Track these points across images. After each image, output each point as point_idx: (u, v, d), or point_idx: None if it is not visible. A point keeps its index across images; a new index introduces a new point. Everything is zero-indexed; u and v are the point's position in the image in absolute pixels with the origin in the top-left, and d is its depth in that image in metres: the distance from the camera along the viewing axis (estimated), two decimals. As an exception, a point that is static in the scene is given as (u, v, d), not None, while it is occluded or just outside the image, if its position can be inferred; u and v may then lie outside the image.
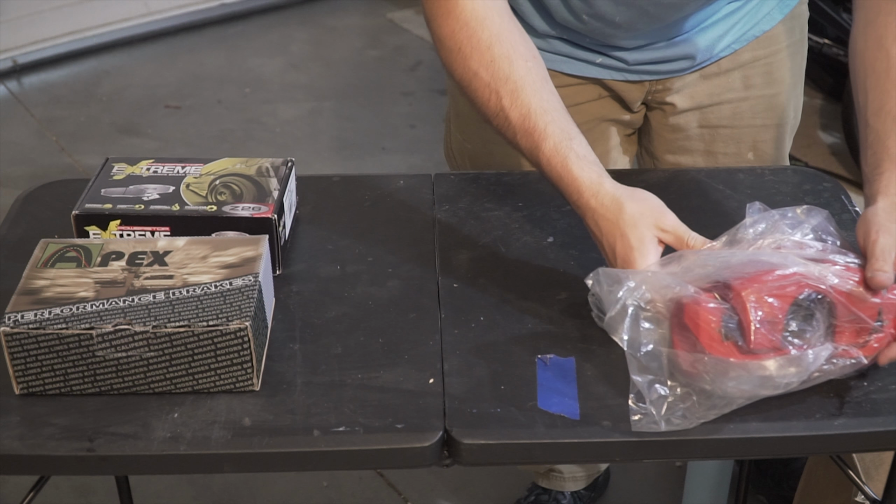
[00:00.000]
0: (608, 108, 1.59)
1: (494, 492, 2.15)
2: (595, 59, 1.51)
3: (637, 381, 1.06)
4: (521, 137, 1.21)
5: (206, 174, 1.32)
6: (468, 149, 1.65)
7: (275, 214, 1.26)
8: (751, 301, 1.06)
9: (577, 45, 1.50)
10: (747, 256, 1.10)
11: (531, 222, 1.38)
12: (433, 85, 3.74)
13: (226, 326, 1.08)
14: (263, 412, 1.09)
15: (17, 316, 1.08)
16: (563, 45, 1.50)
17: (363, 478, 2.19)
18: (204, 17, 4.08)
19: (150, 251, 1.18)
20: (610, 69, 1.52)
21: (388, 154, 3.34)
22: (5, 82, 3.72)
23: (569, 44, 1.50)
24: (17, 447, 1.05)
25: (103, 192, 1.29)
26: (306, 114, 3.56)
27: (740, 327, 1.06)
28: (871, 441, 1.10)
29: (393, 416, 1.08)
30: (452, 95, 1.67)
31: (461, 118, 1.64)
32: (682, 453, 1.16)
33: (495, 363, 1.16)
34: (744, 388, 1.05)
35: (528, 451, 1.08)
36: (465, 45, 1.23)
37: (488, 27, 1.23)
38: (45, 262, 1.16)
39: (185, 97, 3.64)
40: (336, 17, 4.20)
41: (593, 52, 1.50)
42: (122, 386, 1.10)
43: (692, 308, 1.07)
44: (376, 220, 1.39)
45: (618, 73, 1.53)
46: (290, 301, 1.25)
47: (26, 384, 1.10)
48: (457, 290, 1.26)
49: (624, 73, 1.53)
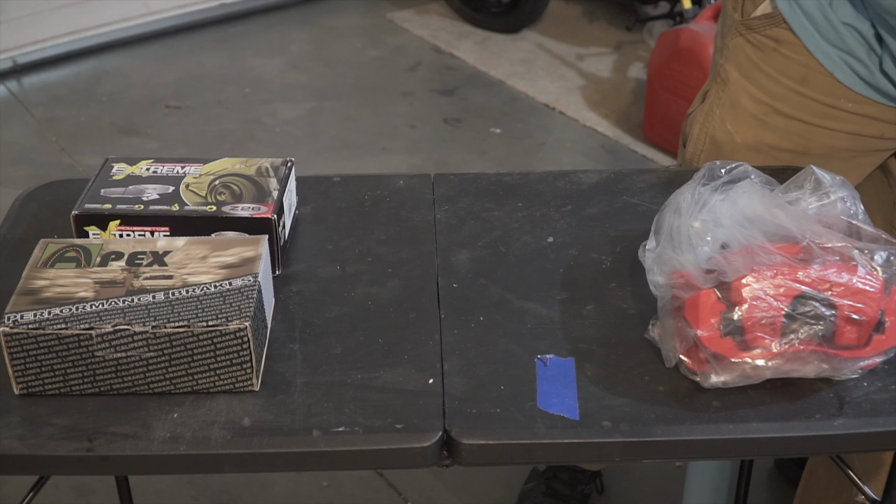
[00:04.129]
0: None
1: (494, 492, 2.15)
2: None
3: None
4: None
5: (206, 174, 1.32)
6: (738, 142, 1.56)
7: (274, 214, 1.26)
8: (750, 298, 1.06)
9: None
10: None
11: (531, 222, 1.38)
12: (433, 85, 3.74)
13: (225, 327, 1.08)
14: (263, 412, 1.09)
15: (17, 316, 1.08)
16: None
17: (363, 478, 2.19)
18: (204, 17, 4.08)
19: (150, 251, 1.17)
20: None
21: (388, 154, 3.34)
22: (5, 82, 3.72)
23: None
24: (17, 447, 1.05)
25: (103, 192, 1.29)
26: (306, 114, 3.56)
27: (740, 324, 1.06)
28: (871, 441, 1.10)
29: (393, 417, 1.08)
30: (734, 86, 1.57)
31: (738, 110, 1.56)
32: (682, 453, 1.16)
33: (495, 363, 1.16)
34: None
35: (528, 452, 1.08)
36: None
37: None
38: (45, 262, 1.16)
39: (185, 97, 3.64)
40: (336, 17, 4.20)
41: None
42: (121, 386, 1.10)
43: (692, 303, 1.08)
44: (376, 220, 1.39)
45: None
46: (290, 301, 1.25)
47: (26, 384, 1.09)
48: (457, 290, 1.26)
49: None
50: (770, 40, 1.50)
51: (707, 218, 1.15)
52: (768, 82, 1.52)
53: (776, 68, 1.51)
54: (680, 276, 1.11)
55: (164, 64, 3.88)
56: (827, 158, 1.51)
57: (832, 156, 1.53)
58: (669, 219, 1.16)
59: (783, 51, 1.49)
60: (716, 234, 1.13)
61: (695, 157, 1.61)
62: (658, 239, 1.16)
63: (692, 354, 1.11)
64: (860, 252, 1.10)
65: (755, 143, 1.55)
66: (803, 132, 1.52)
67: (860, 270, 1.08)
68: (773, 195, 1.17)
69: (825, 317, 1.07)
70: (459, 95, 3.67)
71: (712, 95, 1.60)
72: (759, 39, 1.51)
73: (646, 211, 1.37)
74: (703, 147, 1.60)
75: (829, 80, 1.48)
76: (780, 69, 1.50)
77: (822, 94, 1.49)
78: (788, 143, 1.53)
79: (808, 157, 1.51)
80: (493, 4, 4.08)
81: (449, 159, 3.31)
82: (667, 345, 1.13)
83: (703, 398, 1.11)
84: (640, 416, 1.09)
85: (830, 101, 1.49)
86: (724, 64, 1.57)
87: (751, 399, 1.10)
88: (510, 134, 3.46)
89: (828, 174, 1.19)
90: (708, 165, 1.22)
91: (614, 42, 3.98)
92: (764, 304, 1.06)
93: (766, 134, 1.54)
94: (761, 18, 1.50)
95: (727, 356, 1.08)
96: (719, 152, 1.58)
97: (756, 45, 1.52)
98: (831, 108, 1.50)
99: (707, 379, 1.10)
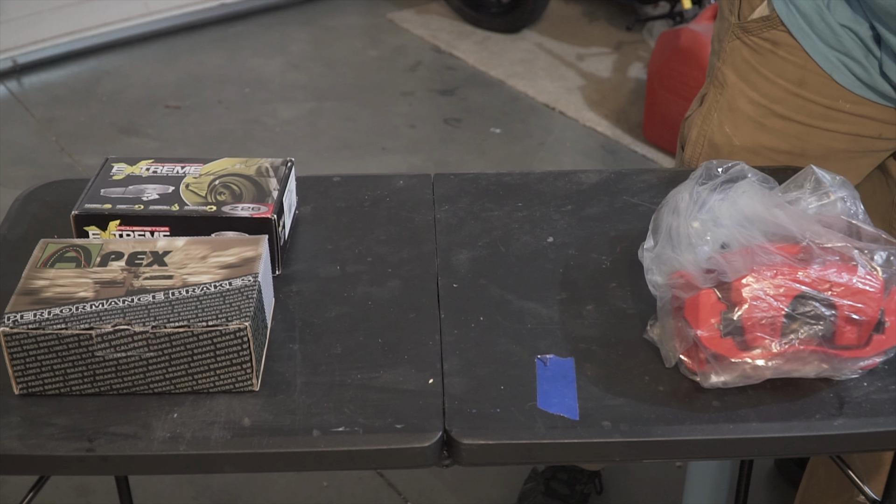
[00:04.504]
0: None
1: (494, 492, 2.15)
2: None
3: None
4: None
5: (206, 174, 1.32)
6: (736, 145, 1.57)
7: (274, 214, 1.26)
8: (750, 298, 1.06)
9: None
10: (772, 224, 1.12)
11: (531, 222, 1.38)
12: (433, 85, 3.74)
13: (225, 327, 1.08)
14: (263, 412, 1.09)
15: (17, 316, 1.08)
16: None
17: (363, 478, 2.19)
18: (204, 17, 4.08)
19: (150, 251, 1.17)
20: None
21: (388, 154, 3.34)
22: (5, 82, 3.72)
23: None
24: (17, 447, 1.05)
25: (103, 192, 1.29)
26: (306, 114, 3.56)
27: (740, 324, 1.06)
28: (871, 441, 1.10)
29: (393, 417, 1.08)
30: (732, 89, 1.57)
31: (735, 113, 1.56)
32: (682, 453, 1.16)
33: (495, 363, 1.16)
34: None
35: (528, 452, 1.08)
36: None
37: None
38: (45, 262, 1.16)
39: (185, 97, 3.64)
40: (336, 17, 4.20)
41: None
42: (121, 386, 1.10)
43: (692, 303, 1.08)
44: (376, 220, 1.39)
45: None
46: (290, 301, 1.25)
47: (26, 384, 1.09)
48: (457, 290, 1.26)
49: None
50: (767, 43, 1.50)
51: (706, 218, 1.15)
52: (766, 85, 1.52)
53: (773, 71, 1.51)
54: (680, 276, 1.11)
55: (164, 64, 3.88)
56: (825, 160, 1.51)
57: (830, 157, 1.53)
58: (668, 219, 1.16)
59: (780, 53, 1.49)
60: (715, 234, 1.13)
61: (693, 160, 1.61)
62: (656, 238, 1.16)
63: (692, 354, 1.11)
64: (860, 252, 1.10)
65: (753, 146, 1.55)
66: (801, 134, 1.52)
67: (860, 270, 1.08)
68: (772, 195, 1.17)
69: (825, 317, 1.07)
70: (459, 95, 3.67)
71: (710, 99, 1.60)
72: (756, 42, 1.51)
73: (646, 211, 1.37)
74: (702, 150, 1.60)
75: (827, 81, 1.48)
76: (777, 71, 1.51)
77: (819, 95, 1.49)
78: (786, 145, 1.53)
79: (805, 158, 1.51)
80: (493, 4, 4.08)
81: (449, 159, 3.31)
82: (667, 345, 1.13)
83: (703, 398, 1.11)
84: (640, 416, 1.09)
85: (828, 103, 1.49)
86: (722, 67, 1.57)
87: (751, 399, 1.10)
88: (510, 134, 3.46)
89: (828, 174, 1.19)
90: (705, 165, 1.22)
91: (614, 42, 3.98)
92: (764, 304, 1.06)
93: (764, 136, 1.54)
94: (758, 21, 1.50)
95: (727, 356, 1.08)
96: (717, 155, 1.58)
97: (753, 48, 1.52)
98: (829, 109, 1.50)
99: (707, 379, 1.10)
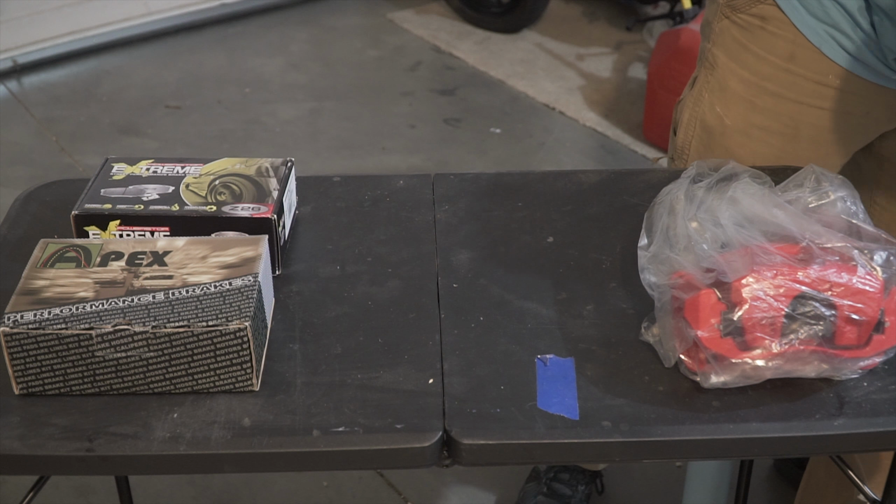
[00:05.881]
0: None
1: (494, 492, 2.15)
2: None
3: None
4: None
5: (206, 174, 1.32)
6: (727, 125, 1.57)
7: (274, 214, 1.26)
8: (750, 298, 1.06)
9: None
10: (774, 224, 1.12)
11: (531, 222, 1.38)
12: (433, 85, 3.74)
13: (225, 327, 1.08)
14: (263, 412, 1.09)
15: (17, 316, 1.08)
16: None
17: (363, 478, 2.19)
18: (204, 17, 4.08)
19: (150, 251, 1.17)
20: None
21: (388, 154, 3.34)
22: (5, 82, 3.72)
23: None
24: (17, 447, 1.05)
25: (103, 192, 1.29)
26: (306, 114, 3.56)
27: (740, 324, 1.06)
28: (871, 441, 1.10)
29: (393, 417, 1.08)
30: (722, 69, 1.57)
31: (727, 93, 1.56)
32: (682, 453, 1.16)
33: (495, 363, 1.16)
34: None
35: (528, 452, 1.08)
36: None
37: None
38: (45, 262, 1.16)
39: (185, 97, 3.64)
40: (336, 17, 4.20)
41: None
42: (121, 386, 1.10)
43: (692, 304, 1.08)
44: (376, 220, 1.39)
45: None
46: (290, 301, 1.25)
47: (26, 384, 1.09)
48: (457, 290, 1.26)
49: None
50: (756, 19, 1.51)
51: (705, 217, 1.15)
52: (756, 62, 1.53)
53: (763, 47, 1.51)
54: (680, 276, 1.11)
55: (164, 64, 3.88)
56: (816, 142, 1.52)
57: (821, 138, 1.53)
58: (663, 218, 1.16)
59: (769, 28, 1.50)
60: (715, 234, 1.13)
61: (685, 143, 1.62)
62: (650, 237, 1.16)
63: (692, 354, 1.11)
64: (860, 252, 1.10)
65: (745, 126, 1.56)
66: (792, 112, 1.52)
67: (860, 270, 1.08)
68: (772, 195, 1.17)
69: (825, 317, 1.07)
70: (459, 95, 3.67)
71: (700, 80, 1.60)
72: (744, 19, 1.52)
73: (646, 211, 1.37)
74: (694, 133, 1.61)
75: (816, 55, 1.48)
76: (767, 47, 1.51)
77: (809, 70, 1.50)
78: (778, 124, 1.53)
79: (798, 140, 1.52)
80: (493, 4, 4.08)
81: (449, 159, 3.31)
82: (666, 345, 1.13)
83: (703, 398, 1.11)
84: (639, 416, 1.09)
85: (818, 78, 1.50)
86: (712, 48, 1.57)
87: (751, 399, 1.10)
88: (510, 134, 3.46)
89: (828, 173, 1.19)
90: (696, 164, 1.22)
91: (614, 42, 3.98)
92: (764, 305, 1.06)
93: (756, 116, 1.54)
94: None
95: (727, 356, 1.08)
96: (710, 137, 1.59)
97: (742, 26, 1.53)
98: (819, 84, 1.50)
99: (707, 379, 1.10)
